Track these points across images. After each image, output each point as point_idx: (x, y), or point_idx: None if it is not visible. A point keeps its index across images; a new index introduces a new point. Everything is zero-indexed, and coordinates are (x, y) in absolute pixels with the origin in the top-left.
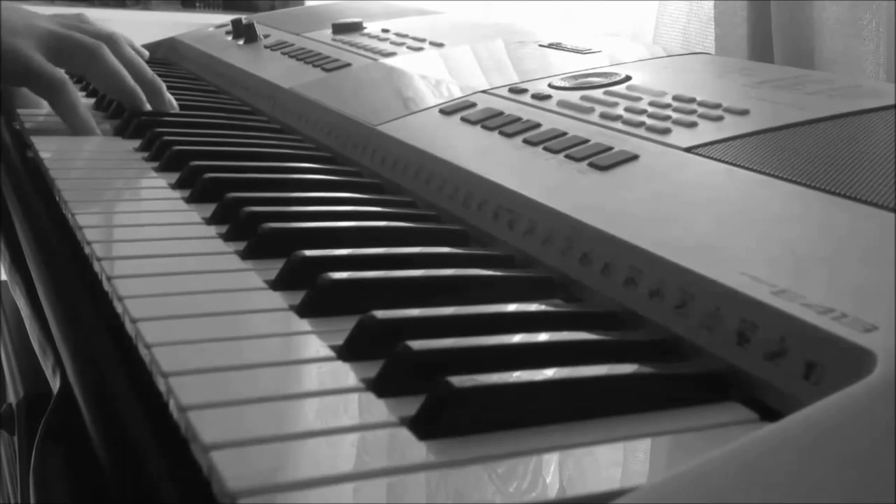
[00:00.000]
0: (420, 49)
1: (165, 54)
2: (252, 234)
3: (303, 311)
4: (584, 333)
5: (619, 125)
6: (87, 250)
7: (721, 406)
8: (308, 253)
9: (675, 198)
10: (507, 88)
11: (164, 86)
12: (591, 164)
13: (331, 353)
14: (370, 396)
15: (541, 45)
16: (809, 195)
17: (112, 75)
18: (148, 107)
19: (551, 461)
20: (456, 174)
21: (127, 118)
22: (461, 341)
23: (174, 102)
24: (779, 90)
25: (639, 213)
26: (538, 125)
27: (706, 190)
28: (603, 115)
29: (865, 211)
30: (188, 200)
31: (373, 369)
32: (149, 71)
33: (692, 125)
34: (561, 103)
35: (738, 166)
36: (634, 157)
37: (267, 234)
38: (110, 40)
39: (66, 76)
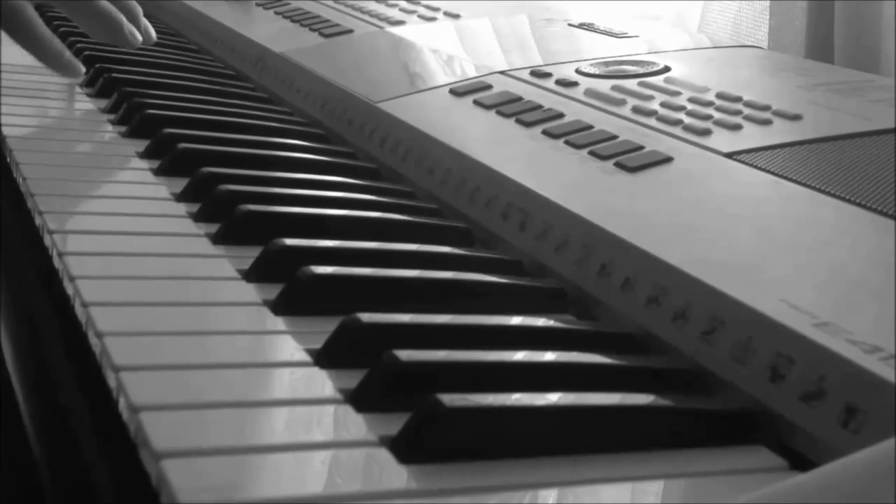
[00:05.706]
0: (433, 19)
1: (142, 5)
2: (227, 216)
3: (278, 307)
4: (596, 356)
5: (652, 122)
6: (37, 221)
7: (745, 449)
8: (289, 241)
9: (711, 209)
10: (528, 71)
11: (140, 11)
12: (617, 164)
13: (307, 358)
14: (348, 410)
15: (570, 25)
16: (864, 216)
17: None
18: (129, 35)
19: (549, 497)
20: (463, 164)
21: (94, 74)
22: (456, 354)
23: (151, 31)
24: (837, 95)
25: (668, 224)
26: (561, 115)
27: (746, 202)
28: (635, 109)
29: None
30: (157, 172)
31: (353, 379)
32: None
33: (736, 127)
34: (588, 92)
35: (785, 178)
36: (668, 160)
37: (243, 217)
38: None
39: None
